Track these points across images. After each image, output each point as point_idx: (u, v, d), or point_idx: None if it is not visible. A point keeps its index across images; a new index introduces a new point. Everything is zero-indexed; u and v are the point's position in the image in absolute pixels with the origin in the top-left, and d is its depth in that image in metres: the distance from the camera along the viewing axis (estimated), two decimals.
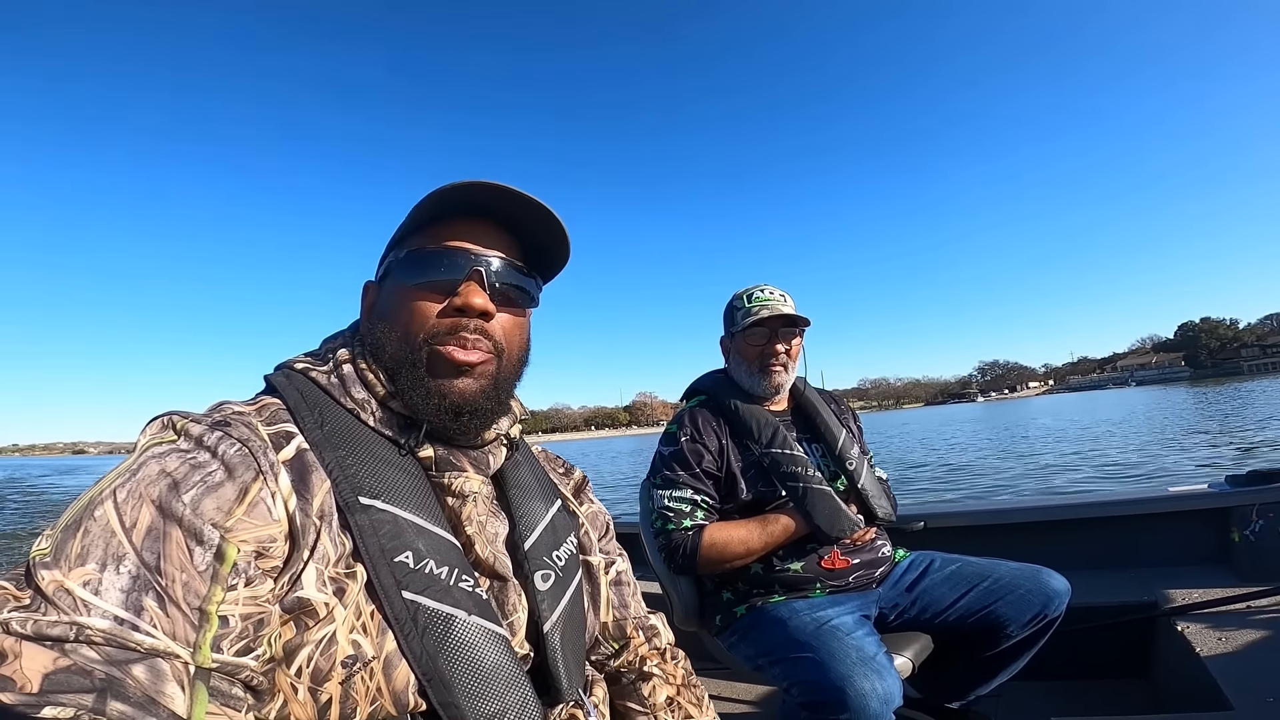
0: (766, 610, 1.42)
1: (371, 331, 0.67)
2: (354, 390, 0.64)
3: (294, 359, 0.68)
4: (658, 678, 0.80)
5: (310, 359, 0.68)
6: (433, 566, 0.57)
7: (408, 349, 0.64)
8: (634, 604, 0.86)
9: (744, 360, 1.61)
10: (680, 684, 0.81)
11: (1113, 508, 2.10)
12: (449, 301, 0.64)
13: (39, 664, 0.40)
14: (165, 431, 0.54)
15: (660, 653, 0.84)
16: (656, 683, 0.79)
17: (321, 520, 0.55)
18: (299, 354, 0.69)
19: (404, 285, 0.66)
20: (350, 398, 0.64)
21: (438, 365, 0.64)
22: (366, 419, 0.63)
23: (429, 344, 0.64)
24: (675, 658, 0.85)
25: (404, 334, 0.64)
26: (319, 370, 0.65)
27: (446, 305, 0.64)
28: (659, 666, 0.81)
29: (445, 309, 0.64)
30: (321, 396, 0.63)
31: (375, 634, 0.54)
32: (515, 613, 0.65)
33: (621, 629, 0.82)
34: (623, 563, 0.88)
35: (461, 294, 0.64)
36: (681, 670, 0.84)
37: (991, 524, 2.18)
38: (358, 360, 0.66)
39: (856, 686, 1.11)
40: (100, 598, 0.43)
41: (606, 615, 0.81)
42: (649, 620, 0.86)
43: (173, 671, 0.43)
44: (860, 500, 1.53)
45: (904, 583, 1.51)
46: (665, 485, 1.51)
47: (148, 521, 0.47)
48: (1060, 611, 1.35)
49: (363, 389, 0.65)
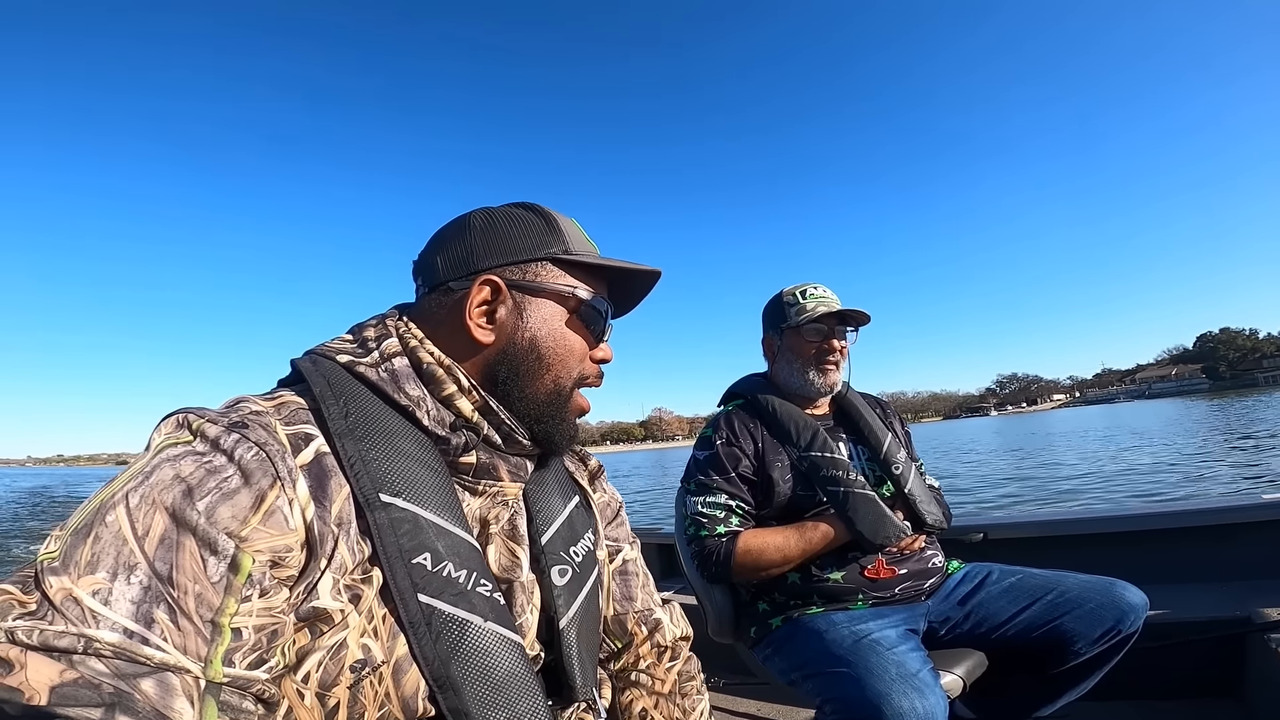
0: (803, 622, 1.34)
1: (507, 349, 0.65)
2: (408, 386, 0.61)
3: (329, 346, 0.64)
4: (640, 686, 0.76)
5: (351, 349, 0.63)
6: (451, 569, 0.56)
7: (560, 384, 0.67)
8: (641, 596, 0.82)
9: (797, 358, 1.55)
10: (665, 692, 0.77)
11: (1197, 517, 1.96)
12: (594, 351, 0.70)
13: (46, 676, 0.39)
14: (180, 431, 0.52)
15: (658, 651, 0.80)
16: (635, 693, 0.76)
17: (340, 528, 0.53)
18: (334, 339, 0.66)
19: (567, 319, 0.68)
20: (404, 394, 0.61)
21: (578, 406, 0.69)
22: (420, 417, 0.61)
23: (580, 384, 0.69)
24: (675, 657, 0.81)
25: (565, 368, 0.67)
26: (365, 364, 0.61)
27: (592, 355, 0.70)
28: (649, 670, 0.78)
29: (592, 357, 0.70)
30: (349, 384, 0.60)
31: (386, 638, 0.53)
32: (524, 614, 0.64)
33: (622, 624, 0.79)
34: (631, 551, 0.85)
35: (603, 350, 0.71)
36: (673, 675, 0.79)
37: (1059, 535, 2.06)
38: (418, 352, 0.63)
39: (894, 705, 1.04)
40: (110, 609, 0.42)
41: (607, 609, 0.79)
42: (653, 614, 0.82)
43: (182, 686, 0.42)
44: (907, 506, 1.44)
45: (957, 595, 1.40)
46: (699, 491, 1.46)
47: (160, 529, 0.45)
48: (1136, 627, 1.24)
49: (417, 385, 0.62)
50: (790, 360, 1.55)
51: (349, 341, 0.65)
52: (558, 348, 0.66)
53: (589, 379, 0.70)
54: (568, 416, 0.68)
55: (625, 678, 0.77)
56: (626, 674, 0.78)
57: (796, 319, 1.51)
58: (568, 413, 0.68)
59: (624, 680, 0.77)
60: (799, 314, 1.51)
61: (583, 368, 0.69)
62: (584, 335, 0.68)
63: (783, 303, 1.57)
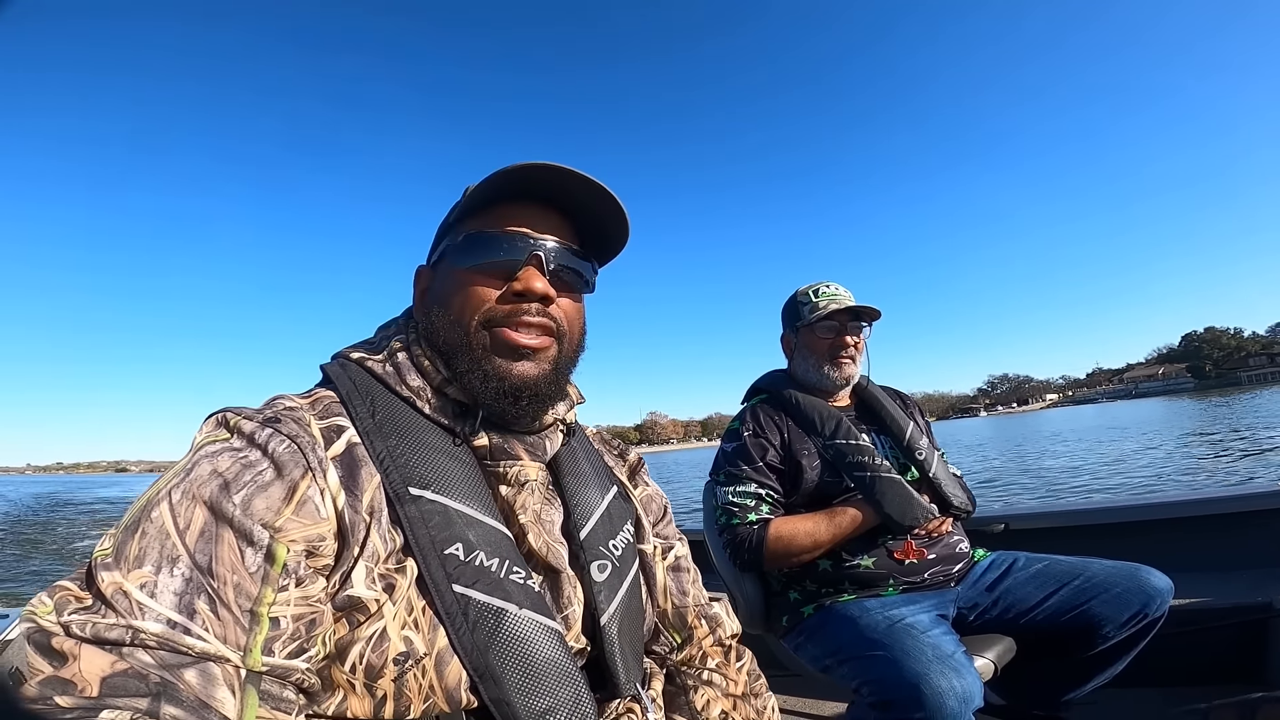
0: (836, 609, 1.36)
1: (426, 316, 0.66)
2: (409, 378, 0.64)
3: (349, 348, 0.68)
4: (714, 686, 0.75)
5: (365, 347, 0.68)
6: (483, 558, 0.56)
7: (465, 333, 0.63)
8: (694, 591, 0.82)
9: (813, 354, 1.59)
10: (740, 694, 0.76)
11: (1217, 504, 1.99)
12: (508, 286, 0.63)
13: (97, 667, 0.40)
14: (219, 429, 0.54)
15: (724, 650, 0.80)
16: (711, 693, 0.74)
17: (371, 516, 0.54)
18: (356, 342, 0.69)
19: (461, 269, 0.65)
20: (405, 386, 0.63)
21: (498, 348, 0.63)
22: (422, 407, 0.63)
23: (487, 327, 0.63)
24: (741, 657, 0.81)
25: (461, 318, 0.63)
26: (374, 359, 0.65)
27: (506, 289, 0.63)
28: (720, 670, 0.77)
29: (504, 293, 0.63)
30: (374, 385, 0.63)
31: (427, 630, 0.53)
32: (570, 605, 0.64)
33: (682, 618, 0.78)
34: (681, 547, 0.84)
35: (521, 278, 0.63)
36: (745, 675, 0.79)
37: (1081, 524, 2.08)
38: (412, 347, 0.66)
39: (933, 684, 1.05)
40: (155, 600, 0.44)
41: (665, 603, 0.78)
42: (711, 609, 0.82)
43: (223, 676, 0.44)
44: (933, 490, 1.47)
45: (985, 581, 1.43)
46: (729, 481, 1.48)
47: (200, 523, 0.47)
48: (1163, 611, 1.26)
49: (417, 376, 0.64)
50: (806, 356, 1.60)
51: (370, 341, 0.69)
52: (454, 294, 0.64)
53: (502, 314, 0.63)
54: (486, 359, 0.62)
55: (695, 675, 0.76)
56: (695, 670, 0.77)
57: (810, 317, 1.55)
58: (484, 356, 0.62)
59: (693, 678, 0.76)
60: (812, 312, 1.56)
61: (488, 307, 0.63)
62: (485, 274, 0.64)
63: (797, 302, 1.63)
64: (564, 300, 0.67)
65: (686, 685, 0.75)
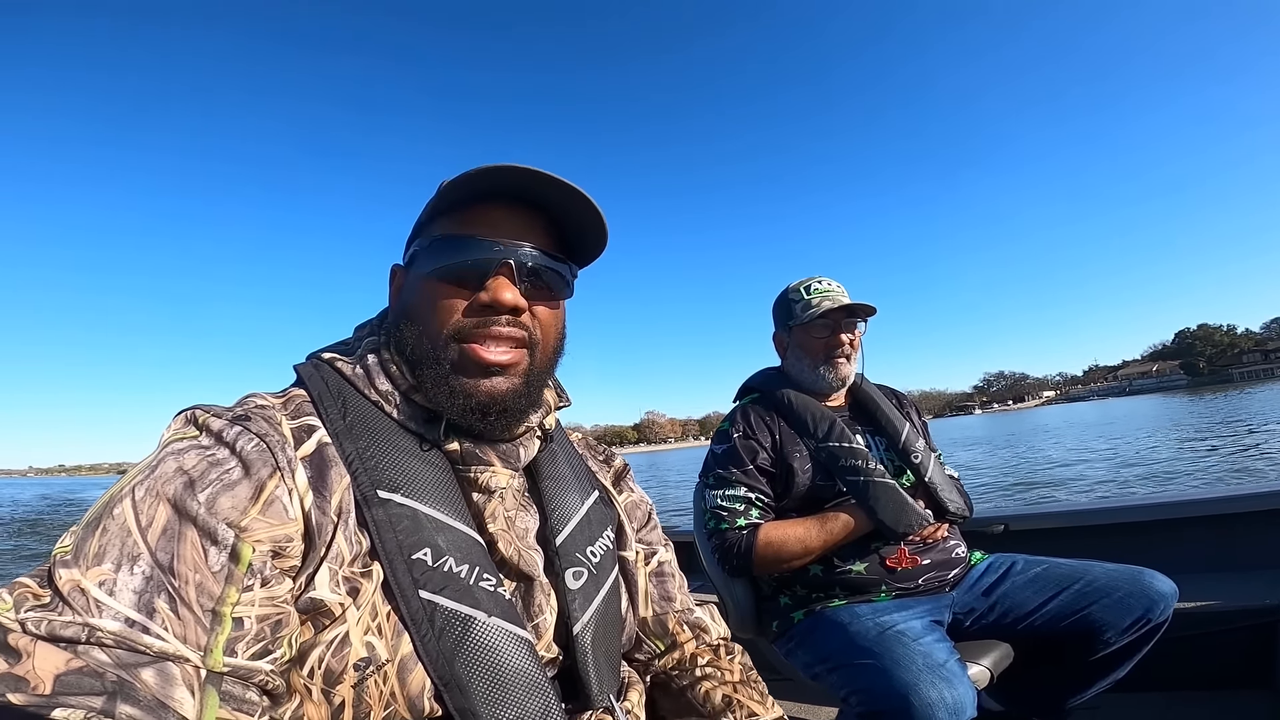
0: (827, 615, 1.32)
1: (396, 323, 0.65)
2: (378, 382, 0.62)
3: (323, 348, 0.67)
4: (711, 679, 0.74)
5: (338, 348, 0.67)
6: (452, 564, 0.55)
7: (431, 345, 0.61)
8: (680, 597, 0.81)
9: (806, 354, 1.54)
10: (738, 680, 0.75)
11: (1224, 504, 1.94)
12: (476, 296, 0.61)
13: (51, 665, 0.39)
14: (187, 427, 0.54)
15: (713, 649, 0.78)
16: (710, 685, 0.73)
17: (339, 518, 0.53)
18: (332, 343, 0.69)
19: (428, 277, 0.62)
20: (374, 389, 0.62)
21: (464, 364, 0.60)
22: (390, 411, 0.61)
23: (455, 341, 0.61)
24: (731, 652, 0.79)
25: (428, 329, 0.61)
26: (344, 361, 0.64)
27: (473, 300, 0.61)
28: (712, 664, 0.76)
29: (472, 304, 0.61)
30: (345, 386, 0.62)
31: (391, 635, 0.52)
32: (542, 614, 0.63)
33: (664, 625, 0.78)
34: (666, 553, 0.83)
35: (490, 289, 0.60)
36: (739, 665, 0.77)
37: (1082, 525, 2.03)
38: (382, 351, 0.64)
39: (922, 695, 1.02)
40: (114, 598, 0.43)
41: (646, 610, 0.77)
42: (694, 614, 0.80)
43: (182, 675, 0.43)
44: (928, 495, 1.42)
45: (981, 586, 1.39)
46: (718, 484, 1.44)
47: (163, 520, 0.46)
48: (1166, 616, 1.23)
49: (386, 380, 0.62)
50: (800, 356, 1.55)
51: (345, 342, 0.68)
52: (421, 305, 0.62)
53: (470, 327, 0.60)
54: (453, 375, 0.59)
55: (689, 674, 0.75)
56: (687, 670, 0.75)
57: (803, 315, 1.50)
58: (450, 373, 0.59)
59: (689, 677, 0.75)
60: (805, 310, 1.50)
61: (456, 320, 0.60)
62: (453, 284, 0.61)
63: (789, 299, 1.57)
64: (539, 308, 0.64)
65: (684, 685, 0.74)
